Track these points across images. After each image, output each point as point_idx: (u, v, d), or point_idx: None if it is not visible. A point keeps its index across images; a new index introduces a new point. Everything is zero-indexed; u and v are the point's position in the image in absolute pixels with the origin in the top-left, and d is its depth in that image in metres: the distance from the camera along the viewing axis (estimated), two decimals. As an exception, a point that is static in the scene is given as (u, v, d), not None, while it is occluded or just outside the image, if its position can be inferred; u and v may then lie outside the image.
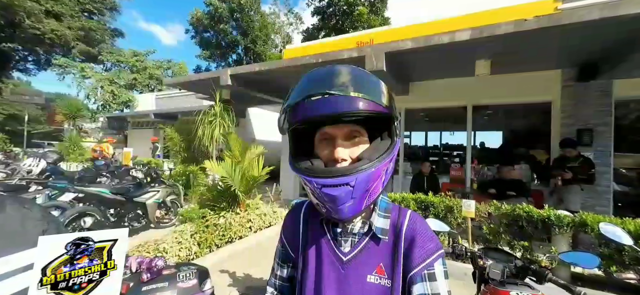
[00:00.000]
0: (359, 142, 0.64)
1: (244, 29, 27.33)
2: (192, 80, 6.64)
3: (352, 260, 0.67)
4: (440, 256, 0.64)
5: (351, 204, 0.58)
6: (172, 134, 8.13)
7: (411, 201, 4.10)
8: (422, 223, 0.68)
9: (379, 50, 4.10)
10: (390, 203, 0.72)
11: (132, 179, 6.01)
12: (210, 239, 4.13)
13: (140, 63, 22.51)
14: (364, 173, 0.57)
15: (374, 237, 0.67)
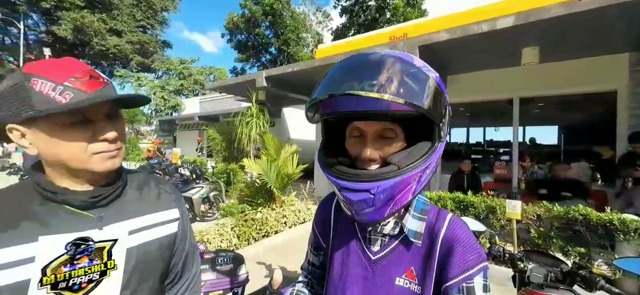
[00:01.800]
0: (392, 141, 0.58)
1: (277, 31, 28.14)
2: (230, 84, 7.05)
3: (380, 261, 0.64)
4: (482, 269, 0.58)
5: (371, 210, 0.55)
6: (214, 135, 8.68)
7: (448, 200, 3.91)
8: (464, 230, 0.61)
9: (411, 44, 3.98)
10: (428, 204, 0.66)
11: (180, 176, 6.56)
12: (248, 233, 4.36)
13: (186, 70, 24.36)
14: (387, 182, 0.52)
15: (406, 239, 0.62)
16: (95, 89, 0.59)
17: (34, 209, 0.60)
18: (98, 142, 0.62)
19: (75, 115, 0.58)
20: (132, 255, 0.68)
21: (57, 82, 0.56)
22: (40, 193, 0.61)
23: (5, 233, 0.55)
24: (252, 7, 27.09)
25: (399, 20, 19.15)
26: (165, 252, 0.76)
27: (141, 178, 0.80)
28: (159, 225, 0.75)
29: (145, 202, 0.75)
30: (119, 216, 0.68)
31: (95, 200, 0.64)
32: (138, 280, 0.69)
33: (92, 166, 0.62)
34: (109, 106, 0.64)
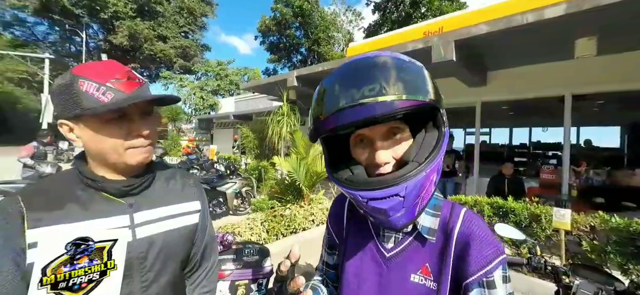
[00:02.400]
0: (400, 139, 0.57)
1: (307, 31, 28.55)
2: (263, 84, 7.26)
3: (395, 257, 0.63)
4: (501, 263, 0.57)
5: (403, 213, 0.53)
6: (247, 133, 9.02)
7: (485, 206, 3.67)
8: (479, 224, 0.60)
9: (446, 39, 3.78)
10: (441, 199, 0.65)
11: (216, 171, 6.91)
12: (277, 228, 4.46)
13: (222, 71, 25.61)
14: (415, 179, 0.50)
15: (420, 236, 0.62)
16: (132, 89, 0.66)
17: (77, 193, 0.67)
18: (133, 138, 0.68)
19: (115, 112, 0.65)
20: (157, 241, 0.74)
21: (100, 82, 0.63)
22: (82, 180, 0.69)
23: (52, 213, 0.63)
24: (282, 9, 27.82)
25: (435, 14, 18.35)
26: (186, 240, 0.82)
27: (168, 172, 0.86)
28: (182, 215, 0.81)
29: (171, 193, 0.81)
30: (147, 204, 0.75)
31: (127, 189, 0.71)
32: (161, 264, 0.74)
33: (127, 159, 0.69)
34: (143, 105, 0.69)
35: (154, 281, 0.73)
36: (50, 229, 0.61)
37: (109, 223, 0.68)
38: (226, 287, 1.01)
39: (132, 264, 0.70)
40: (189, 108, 23.39)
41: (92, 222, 0.66)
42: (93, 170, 0.70)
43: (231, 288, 1.04)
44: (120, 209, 0.70)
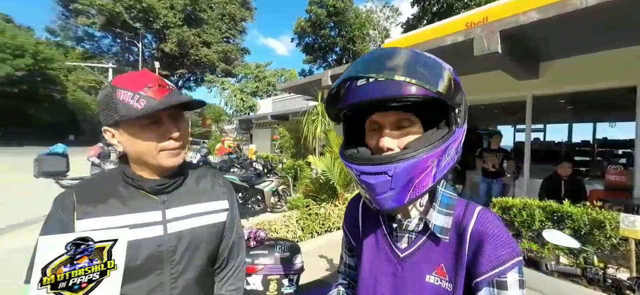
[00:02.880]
0: (409, 131, 0.58)
1: (341, 30, 28.54)
2: (298, 84, 7.40)
3: (409, 258, 0.63)
4: (516, 265, 0.55)
5: (391, 195, 0.54)
6: (284, 132, 9.27)
7: (536, 209, 3.35)
8: (495, 224, 0.58)
9: (491, 29, 3.50)
10: (455, 198, 0.64)
11: (254, 170, 7.22)
12: (312, 226, 4.54)
13: (260, 73, 26.55)
14: (405, 163, 0.52)
15: (433, 235, 0.61)
16: (163, 96, 0.72)
17: (118, 190, 0.77)
18: (166, 140, 0.75)
19: (148, 118, 0.71)
20: (186, 236, 0.80)
21: (134, 91, 0.70)
22: (123, 179, 0.78)
23: (97, 206, 0.73)
24: (316, 10, 28.11)
25: (479, 4, 17.10)
26: (213, 237, 0.87)
27: (199, 172, 0.93)
28: (210, 213, 0.87)
29: (201, 192, 0.88)
30: (178, 202, 0.82)
31: (161, 188, 0.79)
32: (189, 258, 0.81)
33: (162, 161, 0.76)
34: (173, 110, 0.76)
35: (182, 274, 0.79)
36: (95, 220, 0.70)
37: (144, 217, 0.76)
38: (259, 280, 1.07)
39: (162, 256, 0.77)
40: (230, 109, 24.67)
41: (130, 216, 0.74)
42: (133, 170, 0.79)
43: (263, 282, 1.09)
44: (155, 205, 0.78)
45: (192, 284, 0.81)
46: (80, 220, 0.70)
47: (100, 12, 30.19)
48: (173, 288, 0.77)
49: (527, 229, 3.47)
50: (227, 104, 24.67)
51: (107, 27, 31.88)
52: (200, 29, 34.29)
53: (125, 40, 33.82)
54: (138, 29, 31.62)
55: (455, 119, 0.56)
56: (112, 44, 36.26)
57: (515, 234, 3.62)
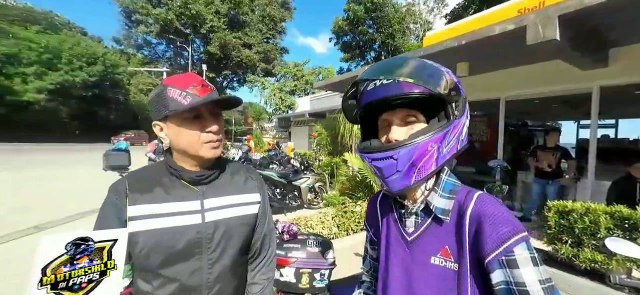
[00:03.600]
0: (413, 126, 0.67)
1: (380, 26, 27.90)
2: (335, 82, 7.39)
3: (416, 240, 0.69)
4: (521, 240, 0.56)
5: (397, 176, 0.63)
6: (320, 130, 9.35)
7: (602, 215, 2.96)
8: (494, 205, 0.61)
9: (547, 14, 3.14)
10: (459, 186, 0.70)
11: (292, 167, 7.41)
12: (347, 224, 4.53)
13: (299, 72, 27.05)
14: (407, 147, 0.61)
15: (437, 218, 0.67)
16: (205, 94, 0.81)
17: (163, 180, 0.86)
18: (206, 133, 0.83)
19: (192, 112, 0.80)
20: (221, 225, 0.87)
21: (181, 89, 0.79)
22: (167, 170, 0.87)
23: (144, 194, 0.82)
24: (354, 8, 27.80)
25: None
26: (246, 227, 0.94)
27: (235, 166, 1.01)
28: (243, 205, 0.94)
29: (235, 185, 0.95)
30: (215, 193, 0.89)
31: (199, 179, 0.87)
32: (224, 246, 0.87)
33: (202, 153, 0.84)
34: (213, 107, 0.85)
35: (217, 260, 0.86)
36: (142, 206, 0.80)
37: (185, 206, 0.84)
38: (291, 273, 1.11)
39: (201, 243, 0.84)
40: (270, 108, 25.56)
41: (172, 204, 0.82)
42: (176, 161, 0.87)
43: (296, 274, 1.13)
44: (194, 195, 0.86)
45: (227, 271, 0.88)
46: (131, 206, 0.79)
47: (156, 20, 33.26)
48: (210, 273, 0.85)
49: (590, 236, 3.08)
50: (267, 103, 25.59)
51: (162, 34, 35.00)
52: (241, 32, 36.02)
53: (177, 46, 36.83)
54: (188, 34, 34.26)
55: (452, 111, 0.64)
56: (166, 50, 39.78)
57: (576, 242, 3.24)
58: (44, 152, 17.81)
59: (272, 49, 38.27)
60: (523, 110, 7.69)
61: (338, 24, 30.51)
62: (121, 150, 5.50)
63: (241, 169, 1.01)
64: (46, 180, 8.73)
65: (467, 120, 0.68)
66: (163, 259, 0.80)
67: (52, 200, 6.39)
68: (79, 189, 7.64)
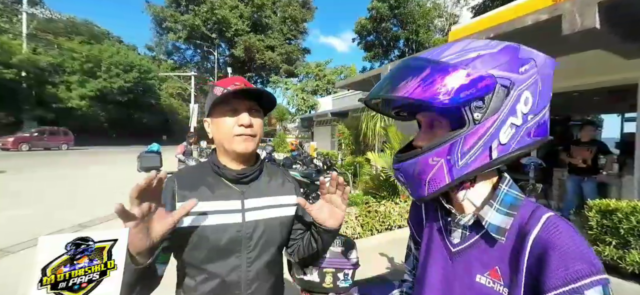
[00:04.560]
0: (435, 132, 0.62)
1: (404, 22, 27.32)
2: (357, 81, 7.35)
3: (460, 253, 0.63)
4: (598, 283, 0.47)
5: (411, 189, 0.62)
6: (343, 129, 9.34)
7: (652, 216, 2.72)
8: (568, 234, 0.51)
9: (585, 2, 2.93)
10: (522, 199, 0.59)
11: (314, 166, 7.47)
12: (371, 223, 4.50)
13: (321, 72, 27.13)
14: (407, 163, 0.60)
15: (488, 235, 0.58)
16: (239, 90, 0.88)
17: (208, 179, 0.92)
18: (238, 126, 0.88)
19: (226, 104, 0.88)
20: (260, 225, 0.91)
21: (223, 87, 0.88)
22: (212, 169, 0.94)
23: (191, 192, 0.87)
24: (378, 5, 27.42)
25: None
26: (283, 228, 0.97)
27: (272, 169, 1.06)
28: (281, 207, 0.98)
29: (274, 187, 0.99)
30: (254, 194, 0.94)
31: (239, 177, 0.92)
32: (263, 245, 0.91)
33: (235, 146, 0.89)
34: (249, 102, 0.91)
35: (256, 259, 0.90)
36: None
37: (227, 205, 0.88)
38: (315, 272, 1.14)
39: (241, 241, 0.88)
40: (293, 108, 25.88)
41: (216, 203, 0.88)
42: (219, 158, 0.93)
43: (320, 274, 1.15)
44: (236, 195, 0.91)
45: (264, 269, 0.92)
46: (179, 203, 0.85)
47: (184, 27, 34.86)
48: (248, 271, 0.89)
49: (637, 238, 2.85)
50: (290, 104, 25.93)
51: (189, 39, 36.63)
52: (264, 34, 36.80)
53: (203, 50, 38.39)
54: (214, 39, 35.56)
55: (467, 117, 0.55)
56: (194, 54, 41.60)
57: (621, 243, 3.00)
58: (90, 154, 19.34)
59: (294, 49, 38.73)
60: (561, 104, 7.19)
61: (361, 24, 30.28)
62: (154, 152, 5.84)
63: (279, 171, 1.07)
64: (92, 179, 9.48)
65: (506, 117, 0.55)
66: (206, 255, 0.85)
67: (94, 198, 6.93)
68: (116, 187, 8.23)
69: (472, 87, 0.52)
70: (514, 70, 0.55)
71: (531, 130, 0.57)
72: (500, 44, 0.57)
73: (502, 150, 0.55)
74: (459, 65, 0.54)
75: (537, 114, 0.57)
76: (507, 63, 0.55)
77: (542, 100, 0.57)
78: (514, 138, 0.56)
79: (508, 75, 0.54)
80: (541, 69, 0.57)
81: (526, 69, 0.55)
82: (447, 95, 0.52)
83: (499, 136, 0.55)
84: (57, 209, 5.87)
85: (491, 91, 0.53)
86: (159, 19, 37.32)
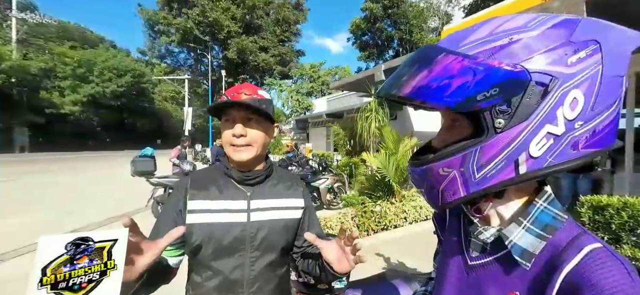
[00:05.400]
0: (454, 131, 0.53)
1: (398, 22, 27.61)
2: (351, 81, 7.39)
3: (477, 269, 0.55)
4: None
5: (424, 195, 0.55)
6: (338, 130, 9.35)
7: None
8: (614, 273, 0.40)
9: (573, 1, 2.99)
10: (563, 221, 0.48)
11: (310, 168, 7.46)
12: (367, 224, 4.51)
13: (315, 73, 27.20)
14: (418, 169, 0.53)
15: (510, 256, 0.49)
16: (235, 100, 0.89)
17: (218, 180, 0.95)
18: (231, 136, 0.90)
19: (225, 114, 0.92)
20: (264, 226, 0.92)
21: (227, 95, 0.91)
22: (223, 170, 0.97)
23: (201, 191, 0.92)
24: (372, 6, 27.66)
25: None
26: (287, 231, 0.97)
27: (281, 172, 1.08)
28: (287, 209, 0.99)
29: (280, 189, 1.00)
30: (261, 195, 0.96)
31: (245, 179, 0.95)
32: (266, 246, 0.92)
33: (231, 155, 0.92)
34: (246, 112, 0.91)
35: (259, 258, 0.91)
36: (198, 202, 0.90)
37: (234, 205, 0.92)
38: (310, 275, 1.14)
39: (245, 240, 0.90)
40: (288, 110, 25.86)
41: (223, 202, 0.92)
42: (228, 160, 0.97)
43: (315, 275, 1.15)
44: (242, 195, 0.93)
45: (267, 270, 0.93)
46: (191, 201, 0.90)
47: (176, 30, 34.65)
48: (252, 270, 0.90)
49: (629, 232, 2.89)
50: (284, 106, 25.91)
51: (182, 42, 36.42)
52: (257, 36, 36.75)
53: (197, 53, 38.18)
54: (206, 42, 35.40)
55: (486, 123, 0.44)
56: (187, 58, 41.34)
57: (614, 238, 3.04)
58: (82, 160, 19.06)
59: (288, 51, 38.73)
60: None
61: (356, 24, 30.48)
62: (147, 156, 5.77)
63: (286, 174, 1.08)
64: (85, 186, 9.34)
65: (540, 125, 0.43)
66: (212, 252, 0.88)
67: (92, 204, 6.83)
68: (113, 192, 8.12)
69: (491, 87, 0.42)
70: (560, 60, 0.42)
71: (579, 141, 0.44)
72: (552, 20, 0.44)
73: (533, 164, 0.44)
74: (478, 56, 0.43)
75: (591, 120, 0.43)
76: (552, 50, 0.42)
77: (603, 99, 0.43)
78: (551, 151, 0.44)
79: (549, 69, 0.42)
80: (611, 53, 0.43)
81: (580, 57, 0.42)
82: (456, 96, 0.43)
83: (529, 148, 0.44)
84: (49, 216, 5.77)
85: (521, 92, 0.42)
86: (152, 23, 37.04)
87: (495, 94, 0.42)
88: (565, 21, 0.44)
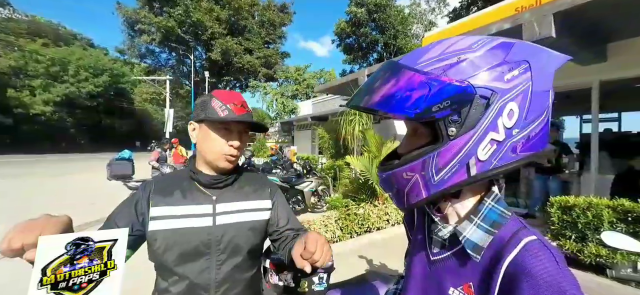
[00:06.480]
0: (417, 140, 0.58)
1: (383, 27, 28.06)
2: (336, 85, 7.45)
3: (438, 264, 0.61)
4: None
5: (393, 198, 0.61)
6: (323, 133, 9.38)
7: (605, 210, 2.96)
8: (543, 261, 0.46)
9: (542, 12, 3.17)
10: (508, 219, 0.54)
11: (294, 171, 7.44)
12: (351, 226, 4.55)
13: (300, 76, 27.18)
14: (385, 173, 0.59)
15: (464, 250, 0.55)
16: (241, 113, 0.91)
17: (183, 184, 0.94)
18: (228, 146, 0.91)
19: (223, 124, 0.90)
20: (230, 230, 0.93)
21: (223, 103, 0.89)
22: (189, 174, 0.96)
23: (165, 197, 0.90)
24: (356, 10, 28.01)
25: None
26: (256, 233, 0.98)
27: (250, 174, 1.07)
28: (254, 211, 0.99)
29: (248, 192, 1.01)
30: (227, 198, 0.96)
31: (214, 183, 0.94)
32: (232, 249, 0.93)
33: (220, 162, 0.92)
34: (243, 126, 0.94)
35: (225, 261, 0.91)
36: (161, 208, 0.88)
37: (198, 209, 0.91)
38: (290, 277, 1.15)
39: (211, 244, 0.90)
40: (273, 113, 25.67)
41: (187, 207, 0.90)
42: (197, 165, 0.95)
43: (294, 278, 1.16)
44: (208, 199, 0.93)
45: (234, 272, 0.93)
46: (153, 207, 0.89)
47: (158, 29, 33.64)
48: (218, 272, 0.90)
49: (593, 231, 3.08)
50: (269, 108, 25.71)
51: (164, 42, 35.38)
52: (242, 37, 36.33)
53: (179, 53, 37.20)
54: (189, 42, 34.61)
55: (441, 131, 0.50)
56: (169, 58, 40.11)
57: (580, 237, 3.23)
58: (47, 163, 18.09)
59: (273, 53, 38.48)
60: (525, 107, 7.67)
61: (340, 26, 30.70)
62: (125, 159, 5.58)
63: (256, 176, 1.09)
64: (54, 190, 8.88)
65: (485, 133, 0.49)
66: (177, 257, 0.87)
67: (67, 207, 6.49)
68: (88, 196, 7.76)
69: (443, 100, 0.48)
70: (498, 77, 0.48)
71: (517, 146, 0.51)
72: (491, 42, 0.51)
73: (482, 167, 0.51)
74: (433, 72, 0.49)
75: (526, 128, 0.50)
76: (491, 68, 0.48)
77: (534, 109, 0.50)
78: (495, 155, 0.50)
79: (490, 85, 0.48)
80: (539, 71, 0.50)
81: (514, 75, 0.49)
82: (415, 107, 0.48)
83: (477, 153, 0.50)
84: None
85: (468, 104, 0.48)
86: (131, 21, 35.80)
87: (447, 105, 0.48)
88: (503, 44, 0.51)
